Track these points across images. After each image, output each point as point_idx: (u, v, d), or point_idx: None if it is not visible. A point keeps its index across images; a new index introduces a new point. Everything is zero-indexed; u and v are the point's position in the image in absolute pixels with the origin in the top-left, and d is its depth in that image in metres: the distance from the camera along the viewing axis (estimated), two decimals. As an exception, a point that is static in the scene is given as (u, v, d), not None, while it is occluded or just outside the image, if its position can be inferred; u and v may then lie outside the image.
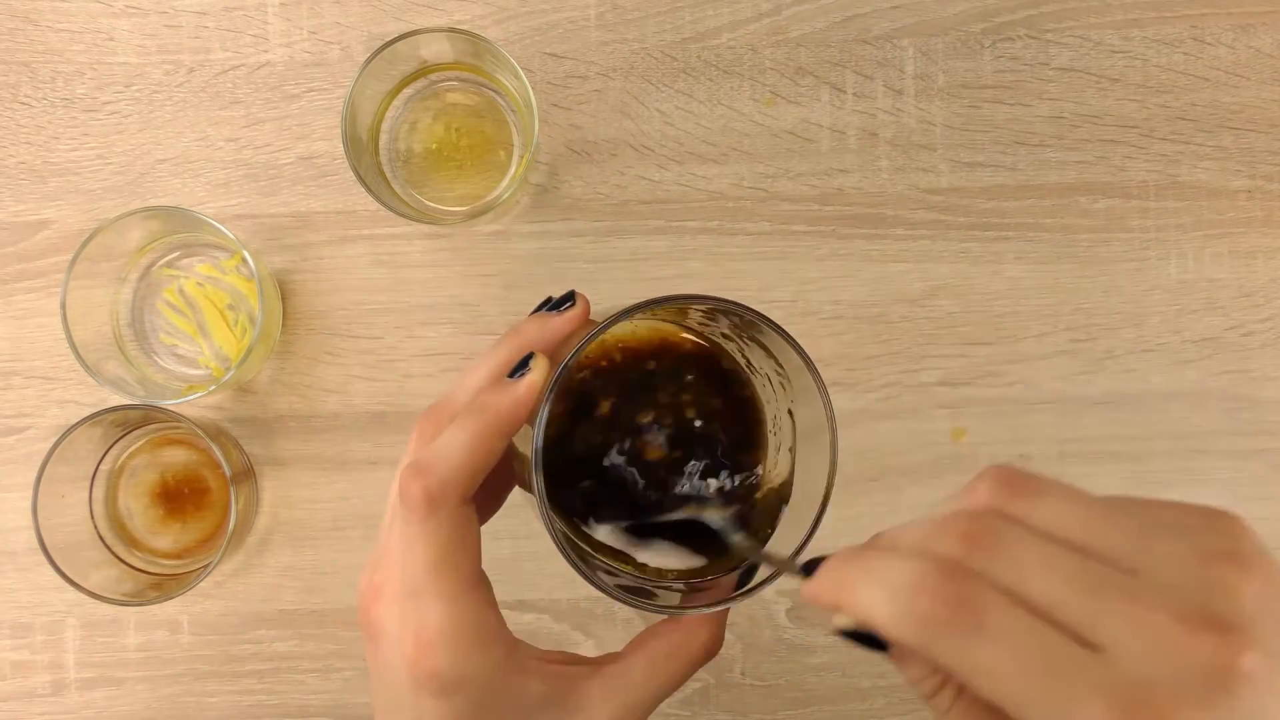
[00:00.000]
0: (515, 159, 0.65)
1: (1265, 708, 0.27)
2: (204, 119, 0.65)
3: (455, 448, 0.36)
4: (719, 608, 0.37)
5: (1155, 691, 0.27)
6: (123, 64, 0.65)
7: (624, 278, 0.65)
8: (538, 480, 0.36)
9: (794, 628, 0.65)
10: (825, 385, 0.37)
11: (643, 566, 0.40)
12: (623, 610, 0.65)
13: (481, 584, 0.37)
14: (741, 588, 0.37)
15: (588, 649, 0.65)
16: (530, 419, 0.36)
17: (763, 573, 0.37)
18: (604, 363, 0.40)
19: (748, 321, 0.37)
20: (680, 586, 0.39)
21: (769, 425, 0.41)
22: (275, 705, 0.65)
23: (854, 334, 0.65)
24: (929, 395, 0.65)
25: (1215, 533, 0.30)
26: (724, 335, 0.41)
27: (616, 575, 0.39)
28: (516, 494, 0.44)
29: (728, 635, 0.65)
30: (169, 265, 0.65)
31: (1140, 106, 0.65)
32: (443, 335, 0.65)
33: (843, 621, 0.31)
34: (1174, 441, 0.65)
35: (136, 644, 0.65)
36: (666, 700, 0.66)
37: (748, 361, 0.41)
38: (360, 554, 0.65)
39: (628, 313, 0.36)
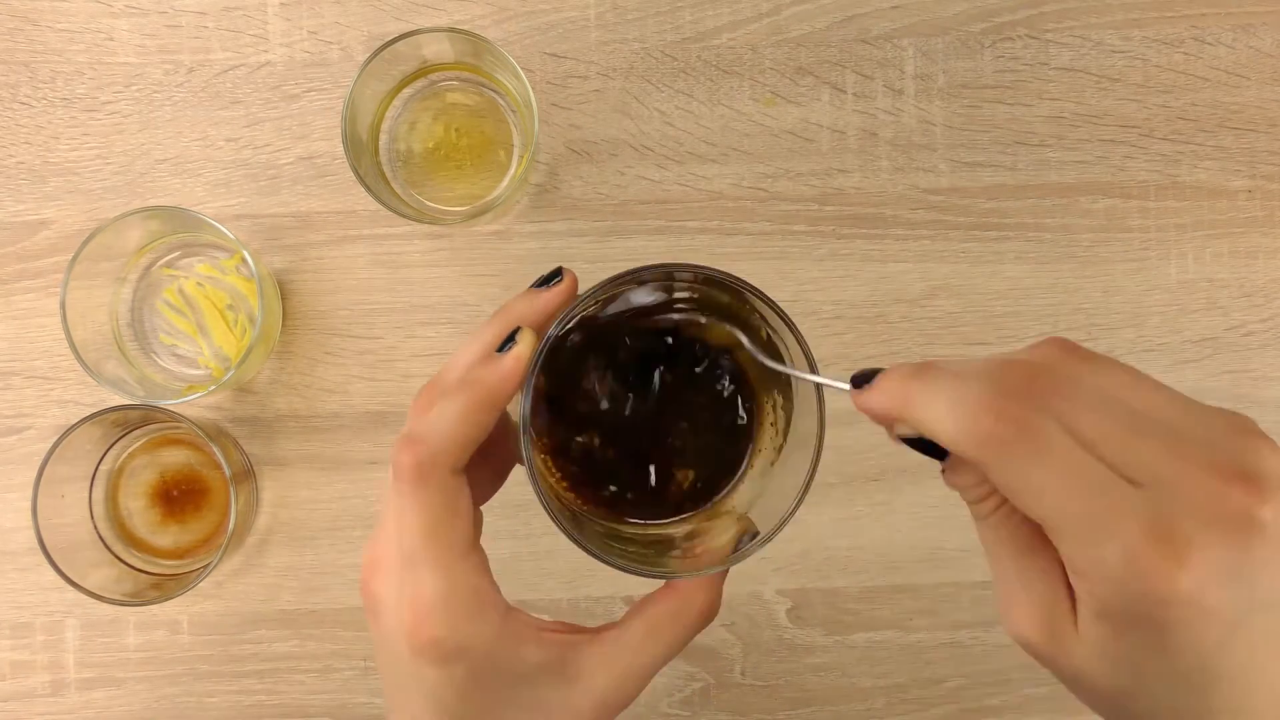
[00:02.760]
0: (515, 159, 0.65)
1: (1278, 556, 0.31)
2: (204, 119, 0.65)
3: (445, 420, 0.37)
4: (715, 570, 0.38)
5: (1184, 524, 0.30)
6: (123, 64, 0.65)
7: (624, 278, 0.65)
8: (526, 448, 0.36)
9: (794, 628, 0.65)
10: (800, 332, 0.38)
11: (641, 536, 0.40)
12: (623, 611, 0.65)
13: (475, 552, 0.38)
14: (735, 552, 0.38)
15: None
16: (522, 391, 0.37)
17: (756, 538, 0.38)
18: (594, 335, 0.41)
19: (731, 287, 0.38)
20: (676, 553, 0.40)
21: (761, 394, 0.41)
22: (275, 705, 0.65)
23: (854, 334, 0.65)
24: (929, 395, 0.65)
25: (1241, 419, 0.33)
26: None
27: (614, 545, 0.39)
28: (516, 495, 0.44)
29: (728, 635, 0.65)
30: (169, 265, 0.65)
31: (1140, 106, 0.65)
32: (442, 335, 0.65)
33: (905, 430, 0.34)
34: (1174, 441, 0.65)
35: (136, 644, 0.65)
36: (667, 701, 0.66)
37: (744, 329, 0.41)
38: (360, 554, 0.65)
39: (612, 282, 0.37)
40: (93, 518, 0.64)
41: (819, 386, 0.37)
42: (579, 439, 0.41)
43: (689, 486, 0.41)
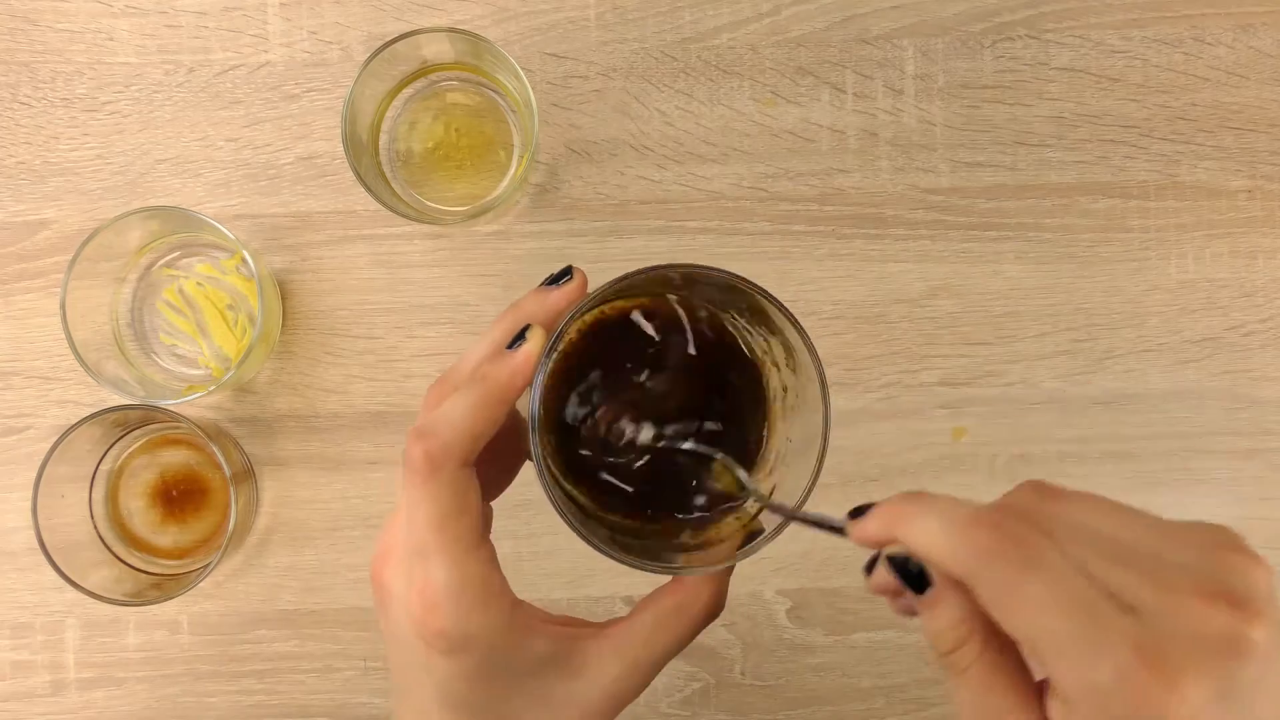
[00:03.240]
0: (515, 159, 0.65)
1: (1268, 675, 0.31)
2: (204, 119, 0.65)
3: (456, 414, 0.37)
4: (720, 568, 0.38)
5: (1175, 647, 0.30)
6: (123, 64, 0.65)
7: (624, 278, 0.65)
8: (534, 444, 0.37)
9: (794, 628, 0.65)
10: (812, 342, 0.38)
11: (649, 533, 0.41)
12: (623, 611, 0.65)
13: (484, 545, 0.38)
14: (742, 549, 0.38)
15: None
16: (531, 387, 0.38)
17: (762, 535, 0.38)
18: (604, 334, 0.41)
19: (734, 288, 0.38)
20: (683, 550, 0.40)
21: (770, 390, 0.41)
22: (275, 705, 0.65)
23: (854, 334, 0.65)
24: (929, 395, 0.65)
25: (1222, 533, 0.33)
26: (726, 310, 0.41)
27: (622, 541, 0.40)
28: (516, 494, 0.44)
29: (728, 635, 0.65)
30: (169, 265, 0.65)
31: (1140, 106, 0.65)
32: (442, 335, 0.65)
33: (895, 550, 0.34)
34: (1174, 441, 0.65)
35: (136, 644, 0.65)
36: (667, 701, 0.66)
37: (747, 331, 0.41)
38: (360, 554, 0.65)
39: (622, 280, 0.37)
40: (93, 518, 0.64)
41: (826, 404, 0.38)
42: (586, 436, 0.41)
43: (696, 485, 0.41)
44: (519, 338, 0.38)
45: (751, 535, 0.39)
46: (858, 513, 0.36)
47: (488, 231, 0.65)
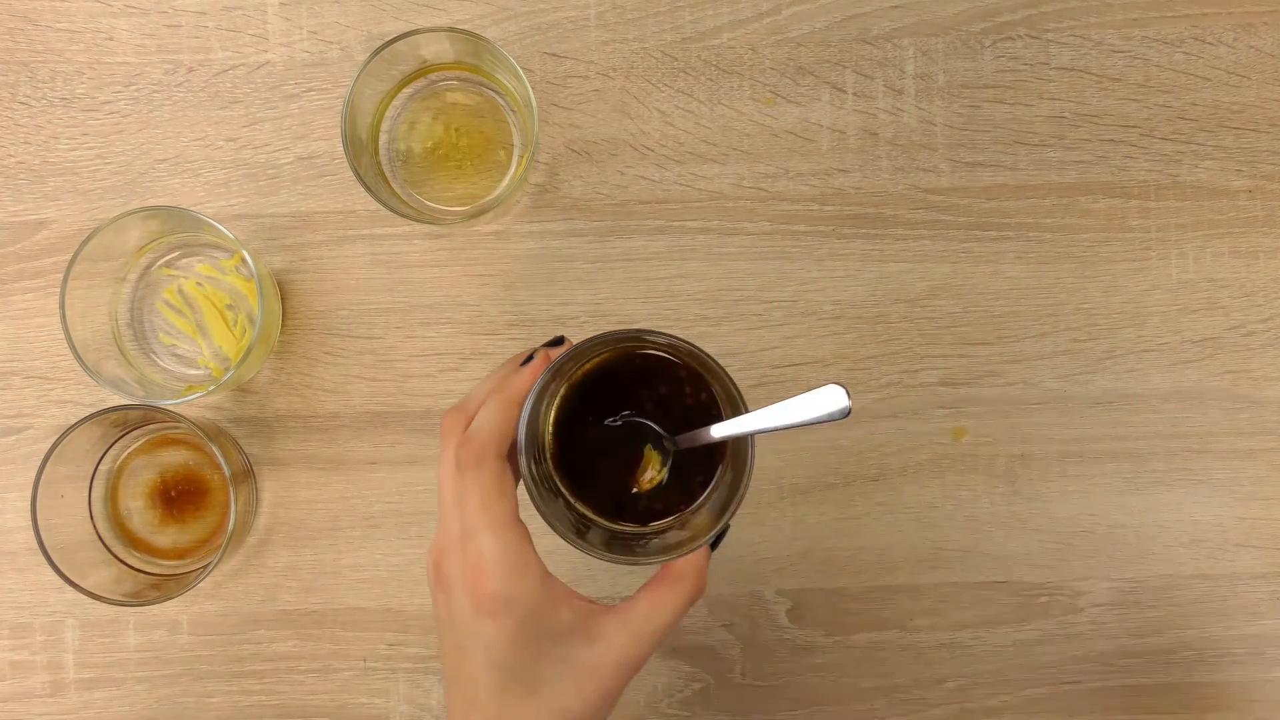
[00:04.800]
0: (515, 159, 0.65)
1: None
2: (203, 119, 0.65)
3: (489, 420, 0.47)
4: (693, 549, 0.47)
5: None
6: (122, 64, 0.65)
7: (624, 278, 0.65)
8: (524, 464, 0.46)
9: (794, 628, 0.65)
10: (736, 384, 0.46)
11: (637, 534, 0.50)
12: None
13: (520, 524, 0.46)
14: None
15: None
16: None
17: (714, 532, 0.47)
18: (589, 376, 0.51)
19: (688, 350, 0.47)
20: (667, 545, 0.49)
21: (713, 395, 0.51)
22: (275, 705, 0.65)
23: (854, 334, 0.65)
24: (929, 395, 0.65)
25: None
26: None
27: (615, 544, 0.49)
28: (522, 498, 0.44)
29: (728, 636, 0.65)
30: (168, 265, 0.65)
31: (1141, 106, 0.65)
32: (442, 335, 0.65)
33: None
34: (1174, 441, 0.65)
35: (136, 644, 0.65)
36: (667, 701, 0.66)
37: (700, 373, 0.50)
38: (360, 554, 0.65)
39: (591, 342, 0.47)
40: (92, 518, 0.64)
41: (751, 435, 0.47)
42: (581, 458, 0.50)
43: (674, 496, 0.51)
44: (528, 359, 0.48)
45: (717, 529, 0.47)
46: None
47: (487, 231, 0.65)
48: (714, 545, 0.48)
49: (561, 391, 0.50)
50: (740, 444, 0.48)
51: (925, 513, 0.65)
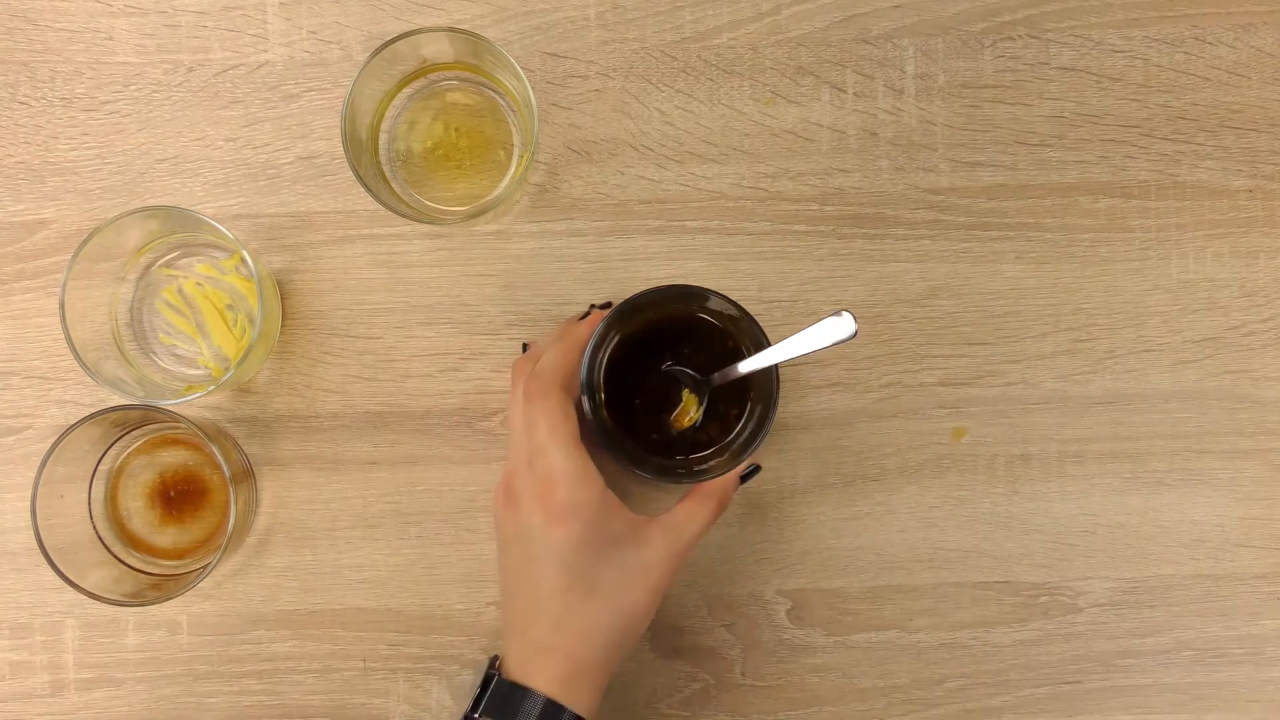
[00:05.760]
0: (515, 159, 0.65)
1: None
2: (203, 119, 0.65)
3: (553, 359, 0.55)
4: (728, 470, 0.58)
5: None
6: (122, 64, 0.65)
7: (623, 277, 0.65)
8: (587, 401, 0.56)
9: (794, 628, 0.65)
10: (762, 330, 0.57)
11: (682, 465, 0.60)
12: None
13: (581, 445, 0.53)
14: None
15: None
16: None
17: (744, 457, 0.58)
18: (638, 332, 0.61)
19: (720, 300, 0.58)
20: (703, 469, 0.59)
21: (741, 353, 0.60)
22: (274, 705, 0.65)
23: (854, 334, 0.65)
24: (929, 395, 0.65)
25: None
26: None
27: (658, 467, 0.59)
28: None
29: (728, 636, 0.65)
30: (168, 265, 0.65)
31: (1141, 106, 0.65)
32: (442, 335, 0.65)
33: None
34: (1174, 441, 0.65)
35: (135, 644, 0.65)
36: (667, 701, 0.66)
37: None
38: (360, 554, 0.65)
39: (644, 295, 0.57)
40: (92, 518, 0.64)
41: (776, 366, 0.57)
42: (636, 404, 0.60)
43: (715, 430, 0.61)
44: (584, 315, 0.58)
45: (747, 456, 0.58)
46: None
47: (487, 231, 0.65)
48: (744, 480, 0.59)
49: (613, 344, 0.59)
50: (766, 380, 0.58)
51: (925, 513, 0.65)
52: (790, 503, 0.65)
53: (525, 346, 0.59)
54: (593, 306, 0.59)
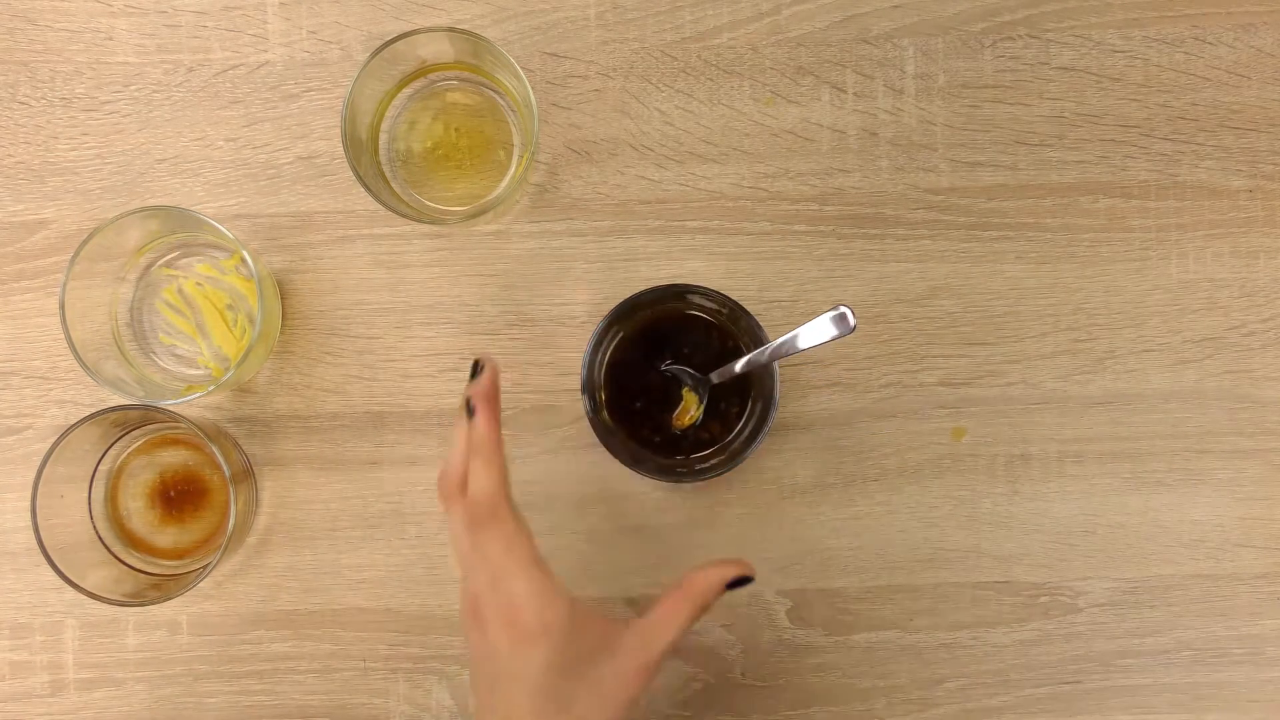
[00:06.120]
0: (515, 159, 0.65)
1: None
2: (203, 119, 0.65)
3: (485, 479, 0.51)
4: (722, 474, 0.60)
5: None
6: (122, 64, 0.65)
7: (623, 277, 0.65)
8: (587, 405, 0.59)
9: (794, 628, 0.65)
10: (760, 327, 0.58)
11: (684, 464, 0.62)
12: (622, 609, 0.65)
13: (542, 560, 0.51)
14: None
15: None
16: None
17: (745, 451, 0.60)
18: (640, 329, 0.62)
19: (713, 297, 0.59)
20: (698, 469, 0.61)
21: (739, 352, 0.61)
22: (274, 705, 0.65)
23: (854, 334, 0.65)
24: (929, 395, 0.65)
25: None
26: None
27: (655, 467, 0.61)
28: (518, 497, 0.44)
29: (728, 636, 0.65)
30: (168, 265, 0.65)
31: (1141, 106, 0.65)
32: (442, 335, 0.65)
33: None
34: (1174, 441, 0.65)
35: (135, 644, 0.65)
36: (667, 701, 0.66)
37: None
38: (359, 554, 0.65)
39: (653, 292, 0.59)
40: (92, 518, 0.64)
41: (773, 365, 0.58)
42: (637, 404, 0.62)
43: (716, 429, 0.62)
44: (468, 409, 0.52)
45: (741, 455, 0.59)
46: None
47: (487, 231, 0.65)
48: (731, 587, 0.53)
49: (613, 344, 0.60)
50: (766, 378, 0.59)
51: (925, 513, 0.65)
52: (790, 503, 0.65)
53: (475, 365, 0.53)
54: (475, 364, 0.54)
